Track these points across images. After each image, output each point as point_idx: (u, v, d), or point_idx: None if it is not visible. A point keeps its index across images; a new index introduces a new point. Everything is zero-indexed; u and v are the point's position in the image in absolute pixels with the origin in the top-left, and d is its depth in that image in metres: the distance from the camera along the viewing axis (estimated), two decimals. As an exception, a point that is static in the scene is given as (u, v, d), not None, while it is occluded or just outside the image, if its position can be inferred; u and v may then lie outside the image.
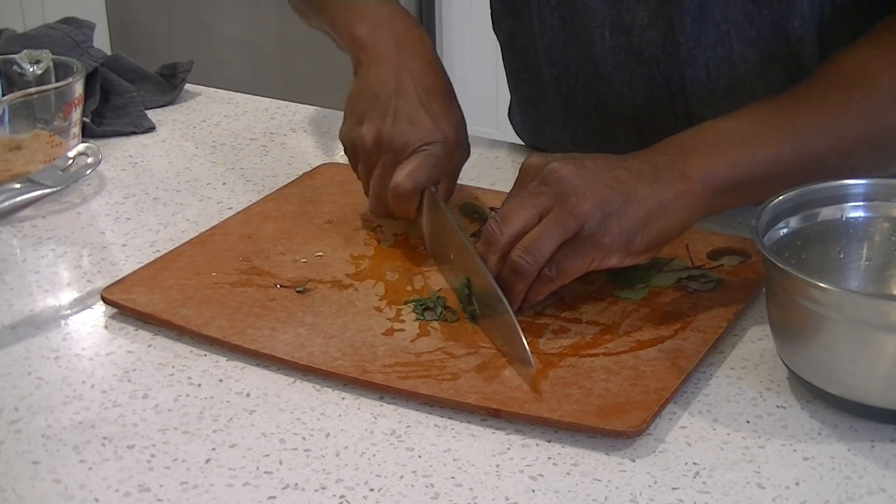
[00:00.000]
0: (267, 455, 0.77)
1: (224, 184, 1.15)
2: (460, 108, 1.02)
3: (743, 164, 0.89)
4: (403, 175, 0.96)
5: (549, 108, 1.15)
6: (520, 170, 0.90)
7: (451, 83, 1.02)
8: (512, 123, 1.28)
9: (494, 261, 0.88)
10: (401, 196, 0.96)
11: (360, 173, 1.01)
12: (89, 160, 1.00)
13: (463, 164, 1.01)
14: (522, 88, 1.20)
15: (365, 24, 1.03)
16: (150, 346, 0.89)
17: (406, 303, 0.91)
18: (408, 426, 0.79)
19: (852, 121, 0.92)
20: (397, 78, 0.99)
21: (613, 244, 0.86)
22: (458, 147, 0.99)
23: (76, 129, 1.16)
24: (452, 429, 0.79)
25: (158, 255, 1.00)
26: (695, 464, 0.76)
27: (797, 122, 0.91)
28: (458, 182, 1.02)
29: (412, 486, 0.74)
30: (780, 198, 0.85)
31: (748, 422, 0.79)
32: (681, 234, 0.89)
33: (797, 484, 0.74)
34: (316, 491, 0.74)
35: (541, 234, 0.86)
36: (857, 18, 1.00)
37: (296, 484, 0.74)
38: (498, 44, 1.20)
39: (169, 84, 1.35)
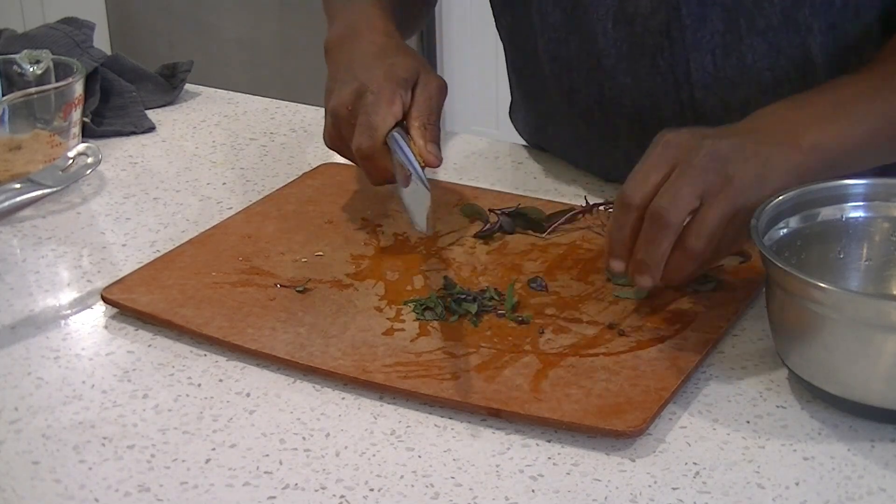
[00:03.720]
0: (267, 455, 0.77)
1: (224, 184, 1.15)
2: (405, 54, 1.03)
3: (848, 137, 0.91)
4: (356, 135, 0.98)
5: (551, 105, 1.15)
6: (659, 143, 0.87)
7: (400, 43, 1.05)
8: (513, 122, 1.28)
9: (669, 242, 0.84)
10: (364, 154, 0.98)
11: (349, 158, 1.03)
12: (89, 160, 1.00)
13: (438, 100, 1.01)
14: (524, 85, 1.20)
15: (332, 28, 1.09)
16: (150, 346, 0.89)
17: (406, 303, 0.91)
18: (408, 426, 0.79)
19: None
20: (341, 65, 1.03)
21: None
22: (393, 83, 0.99)
23: (76, 129, 1.16)
24: (452, 429, 0.79)
25: (158, 255, 1.00)
26: (695, 464, 0.76)
27: (888, 99, 0.94)
28: (459, 182, 1.02)
29: (412, 486, 0.74)
30: (780, 198, 0.85)
31: (748, 422, 0.79)
32: None
33: (797, 484, 0.74)
34: (316, 491, 0.74)
35: (713, 215, 0.84)
36: (868, 10, 1.00)
37: (296, 484, 0.74)
38: (498, 44, 1.20)
39: (169, 84, 1.35)
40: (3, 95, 1.15)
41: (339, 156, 1.21)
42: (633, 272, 0.86)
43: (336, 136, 1.02)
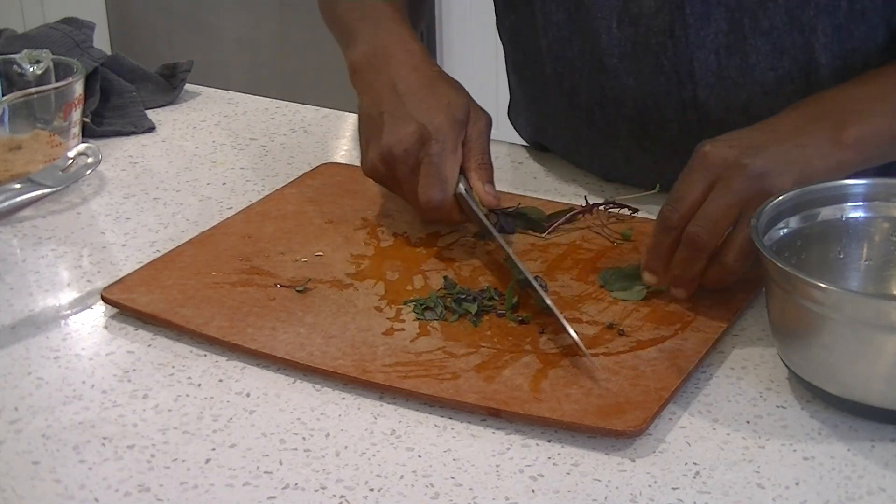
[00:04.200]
0: (267, 455, 0.77)
1: (224, 184, 1.15)
2: (454, 88, 1.02)
3: (886, 131, 0.92)
4: (424, 190, 0.96)
5: (552, 105, 1.15)
6: (698, 157, 0.89)
7: (439, 73, 1.03)
8: (512, 122, 1.28)
9: (703, 262, 0.88)
10: (434, 207, 0.97)
11: (396, 192, 1.02)
12: (89, 160, 1.00)
13: (487, 135, 1.01)
14: (525, 86, 1.20)
15: (358, 46, 1.05)
16: (150, 346, 0.89)
17: (406, 303, 0.91)
18: (408, 426, 0.79)
19: None
20: (384, 93, 1.00)
21: None
22: (457, 130, 0.99)
23: (76, 129, 1.16)
24: (452, 429, 0.79)
25: (158, 255, 1.00)
26: (695, 464, 0.76)
27: None
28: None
29: (412, 486, 0.74)
30: (780, 198, 0.85)
31: (748, 422, 0.79)
32: None
33: (797, 484, 0.74)
34: (316, 491, 0.74)
35: (748, 233, 0.85)
36: (876, 13, 1.00)
37: (296, 484, 0.74)
38: (498, 44, 1.20)
39: (169, 84, 1.35)
40: (3, 95, 1.15)
41: (338, 156, 1.21)
42: (671, 284, 0.90)
43: (387, 174, 1.00)
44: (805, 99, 0.94)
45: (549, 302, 0.86)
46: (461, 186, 0.98)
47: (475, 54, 2.92)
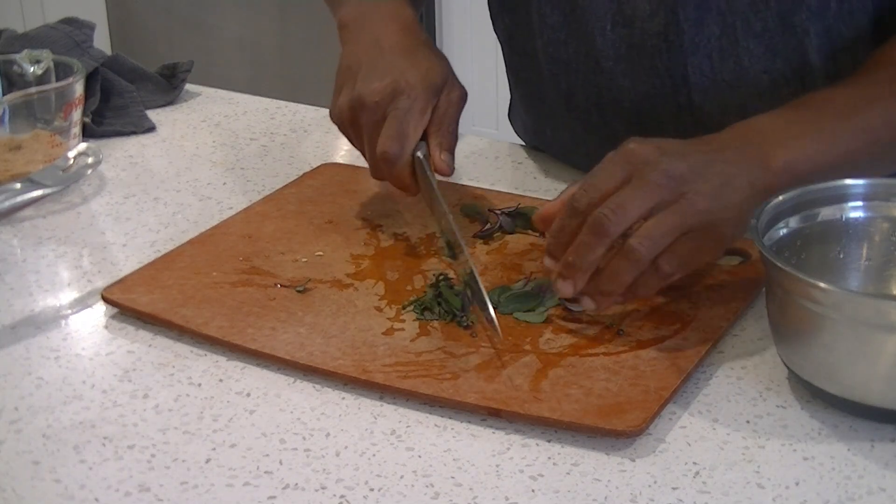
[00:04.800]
0: (267, 455, 0.77)
1: (224, 184, 1.15)
2: (437, 56, 1.02)
3: (821, 156, 0.90)
4: (383, 140, 0.97)
5: (549, 107, 1.15)
6: (621, 152, 0.87)
7: (426, 41, 1.04)
8: (512, 123, 1.28)
9: (602, 250, 0.84)
10: (389, 160, 0.97)
11: (355, 144, 1.02)
12: (89, 160, 1.01)
13: (459, 107, 1.01)
14: (522, 87, 1.20)
15: (350, 3, 1.07)
16: (150, 346, 0.89)
17: (405, 306, 0.91)
18: (408, 426, 0.79)
19: None
20: (367, 48, 1.01)
21: (726, 235, 0.87)
22: (430, 90, 0.99)
23: (76, 129, 1.16)
24: (452, 429, 0.79)
25: (158, 255, 1.00)
26: (695, 464, 0.76)
27: (867, 116, 0.93)
28: (458, 182, 1.02)
29: (412, 486, 0.74)
30: (780, 198, 0.85)
31: (748, 422, 0.79)
32: None
33: (797, 484, 0.74)
34: (316, 491, 0.74)
35: (661, 225, 0.84)
36: (863, 13, 1.00)
37: (296, 484, 0.74)
38: (498, 44, 1.20)
39: (169, 84, 1.35)
40: (3, 95, 1.15)
41: (338, 156, 1.21)
42: (559, 275, 0.85)
43: (352, 122, 1.00)
44: (743, 121, 0.92)
45: (483, 289, 0.86)
46: (420, 153, 0.98)
47: (475, 54, 2.92)
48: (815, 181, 0.88)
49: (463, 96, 1.02)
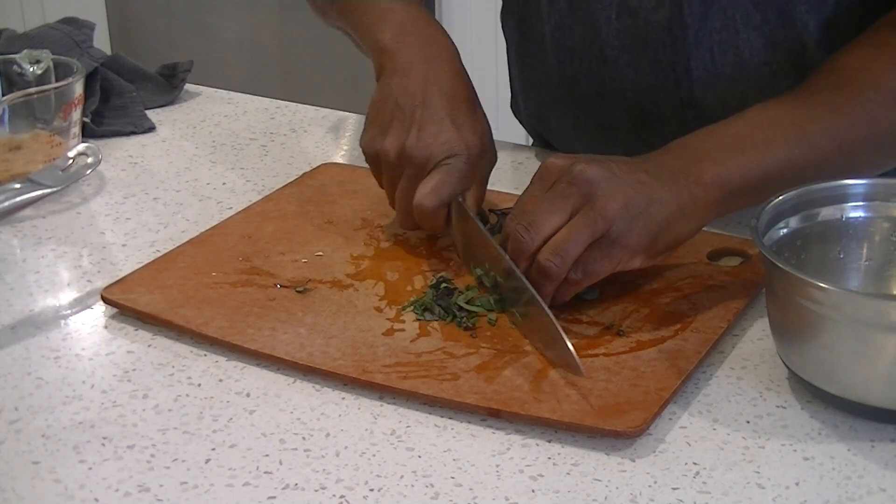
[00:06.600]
0: (267, 455, 0.77)
1: (224, 184, 1.15)
2: (485, 116, 1.01)
3: (754, 168, 0.89)
4: (426, 192, 0.95)
5: (553, 94, 1.16)
6: (540, 169, 0.89)
7: (475, 91, 1.01)
8: (514, 112, 1.28)
9: (524, 266, 0.87)
10: (425, 213, 0.95)
11: (383, 184, 1.00)
12: (89, 160, 1.00)
13: (491, 170, 1.00)
14: (528, 73, 1.20)
15: (389, 29, 1.02)
16: (150, 346, 0.89)
17: (404, 307, 0.91)
18: (408, 426, 0.79)
19: (857, 123, 0.93)
20: (422, 88, 0.97)
21: (639, 245, 0.86)
22: (482, 156, 0.98)
23: (76, 129, 1.16)
24: (452, 429, 0.79)
25: (158, 255, 1.00)
26: (695, 464, 0.76)
27: (805, 126, 0.92)
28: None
29: (412, 486, 0.74)
30: (780, 198, 0.85)
31: (748, 422, 0.79)
32: (694, 235, 0.90)
33: (797, 484, 0.74)
34: (316, 491, 0.74)
35: (569, 236, 0.85)
36: (862, 6, 1.00)
37: (296, 484, 0.74)
38: (498, 43, 1.20)
39: (169, 84, 1.35)
40: (3, 95, 1.15)
41: (338, 156, 1.21)
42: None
43: (391, 166, 0.97)
44: (678, 140, 0.92)
45: (550, 315, 0.84)
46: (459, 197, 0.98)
47: (475, 54, 2.92)
48: (753, 193, 0.88)
49: (494, 159, 1.01)
